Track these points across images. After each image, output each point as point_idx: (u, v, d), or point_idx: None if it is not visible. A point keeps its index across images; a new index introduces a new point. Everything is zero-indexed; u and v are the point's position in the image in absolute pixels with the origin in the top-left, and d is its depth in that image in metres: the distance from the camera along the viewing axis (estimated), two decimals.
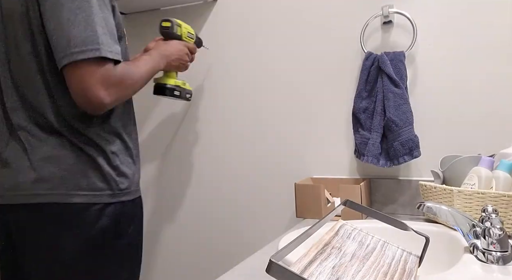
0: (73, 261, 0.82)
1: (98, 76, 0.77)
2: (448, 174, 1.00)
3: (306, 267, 0.51)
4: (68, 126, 0.83)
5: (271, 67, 1.32)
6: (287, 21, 1.29)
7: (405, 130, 1.05)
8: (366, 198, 1.12)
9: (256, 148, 1.35)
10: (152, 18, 1.49)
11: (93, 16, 0.76)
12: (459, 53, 1.09)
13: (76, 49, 0.75)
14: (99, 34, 0.76)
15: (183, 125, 1.46)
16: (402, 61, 1.10)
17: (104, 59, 0.77)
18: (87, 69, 0.76)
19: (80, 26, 0.75)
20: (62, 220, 0.81)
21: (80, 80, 0.76)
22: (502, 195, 0.82)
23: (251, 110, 1.35)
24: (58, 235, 0.81)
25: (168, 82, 1.11)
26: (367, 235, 0.68)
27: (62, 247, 0.81)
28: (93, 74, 0.76)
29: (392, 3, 1.14)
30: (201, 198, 1.44)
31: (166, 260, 1.50)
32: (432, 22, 1.12)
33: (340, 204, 0.73)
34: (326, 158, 1.25)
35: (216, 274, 1.39)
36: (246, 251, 1.36)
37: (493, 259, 0.65)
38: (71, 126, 0.83)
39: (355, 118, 1.15)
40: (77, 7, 0.75)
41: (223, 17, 1.39)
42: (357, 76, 1.18)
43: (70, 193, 0.81)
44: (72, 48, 0.75)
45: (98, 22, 0.77)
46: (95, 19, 0.76)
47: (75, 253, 0.82)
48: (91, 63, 0.76)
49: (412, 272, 0.59)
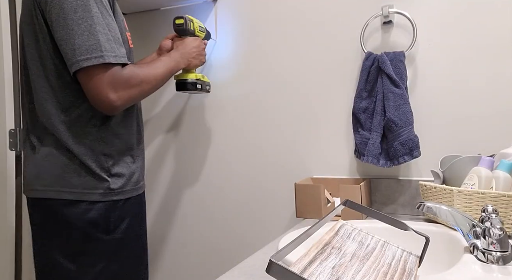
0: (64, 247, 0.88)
1: (106, 80, 0.83)
2: (448, 174, 1.00)
3: (306, 267, 0.51)
4: (67, 128, 0.88)
5: (270, 67, 1.32)
6: (286, 21, 1.29)
7: (405, 130, 1.05)
8: (366, 198, 1.12)
9: (256, 148, 1.35)
10: (152, 18, 1.49)
11: (95, 25, 0.82)
12: (459, 53, 1.09)
13: (81, 57, 0.81)
14: (101, 42, 0.82)
15: (184, 125, 1.46)
16: (402, 61, 1.10)
17: (110, 64, 0.83)
18: (96, 74, 0.82)
19: (84, 36, 0.81)
20: (52, 213, 0.88)
21: (92, 85, 0.83)
22: (502, 195, 0.82)
23: (251, 110, 1.35)
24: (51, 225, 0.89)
25: (189, 77, 1.17)
26: (367, 235, 0.68)
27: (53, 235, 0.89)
28: (101, 79, 0.83)
29: (392, 3, 1.14)
30: (200, 198, 1.44)
31: (166, 260, 1.50)
32: (432, 22, 1.12)
33: (340, 204, 0.73)
34: (326, 158, 1.25)
35: (216, 274, 1.39)
36: (246, 251, 1.36)
37: (493, 259, 0.65)
38: (70, 128, 0.88)
39: (355, 118, 1.15)
40: (80, 18, 0.81)
41: (223, 17, 1.39)
42: (357, 76, 1.18)
43: (63, 190, 0.88)
44: (78, 56, 0.81)
45: (100, 30, 0.82)
46: (97, 28, 0.82)
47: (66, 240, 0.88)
48: (98, 69, 0.82)
49: (412, 272, 0.59)
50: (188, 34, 1.14)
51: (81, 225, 0.88)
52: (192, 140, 1.45)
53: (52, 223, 0.88)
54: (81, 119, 0.89)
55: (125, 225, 0.94)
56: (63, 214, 0.87)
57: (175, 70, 1.03)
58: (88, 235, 0.88)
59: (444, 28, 1.11)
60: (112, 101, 0.84)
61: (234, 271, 0.75)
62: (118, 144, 0.94)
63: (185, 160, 1.46)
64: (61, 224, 0.88)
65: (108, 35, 0.84)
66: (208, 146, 1.42)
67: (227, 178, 1.39)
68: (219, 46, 1.39)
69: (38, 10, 0.85)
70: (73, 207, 0.87)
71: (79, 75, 0.83)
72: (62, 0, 0.81)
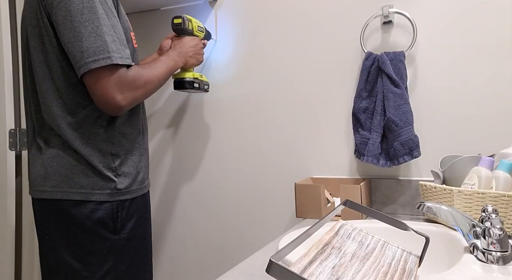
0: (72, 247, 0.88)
1: (112, 81, 0.83)
2: (448, 174, 1.00)
3: (306, 267, 0.51)
4: (74, 129, 0.89)
5: (270, 67, 1.32)
6: (286, 21, 1.29)
7: (405, 130, 1.05)
8: (366, 198, 1.12)
9: (256, 148, 1.35)
10: (152, 18, 1.50)
11: (101, 27, 0.82)
12: (459, 53, 1.09)
13: (89, 59, 0.81)
14: (108, 43, 0.82)
15: (184, 124, 1.46)
16: (402, 61, 1.10)
17: (116, 66, 0.84)
18: (103, 76, 0.83)
19: (91, 38, 0.81)
20: (61, 213, 0.89)
21: (98, 87, 0.84)
22: (502, 195, 0.82)
23: (251, 110, 1.35)
24: (59, 226, 0.89)
25: (187, 76, 1.17)
26: (367, 235, 0.68)
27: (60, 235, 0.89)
28: (108, 80, 0.83)
29: (392, 3, 1.14)
30: (200, 198, 1.44)
31: (166, 260, 1.50)
32: (432, 22, 1.12)
33: (340, 204, 0.73)
34: (326, 158, 1.25)
35: (216, 273, 1.39)
36: (246, 251, 1.36)
37: (493, 259, 0.65)
38: (77, 129, 0.89)
39: (355, 118, 1.15)
40: (86, 20, 0.82)
41: (223, 17, 1.39)
42: (357, 76, 1.18)
43: (71, 191, 0.88)
44: (86, 59, 0.81)
45: (107, 31, 0.83)
46: (103, 29, 0.83)
47: (74, 240, 0.88)
48: (105, 70, 0.83)
49: (412, 272, 0.59)
50: (186, 34, 1.14)
51: (89, 225, 0.88)
52: (192, 140, 1.45)
53: (61, 224, 0.89)
54: (87, 120, 0.89)
55: (132, 224, 0.95)
56: (72, 215, 0.88)
57: (174, 69, 1.03)
58: (96, 234, 0.89)
59: (444, 28, 1.11)
60: (118, 102, 0.84)
61: (234, 271, 0.75)
62: (125, 144, 0.95)
63: (185, 160, 1.46)
64: (69, 224, 0.88)
65: (113, 36, 0.84)
66: (208, 146, 1.42)
67: (227, 178, 1.39)
68: (219, 46, 1.39)
69: (44, 12, 0.85)
70: (81, 207, 0.88)
71: (86, 77, 0.84)
72: (69, 2, 0.81)
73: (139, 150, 0.98)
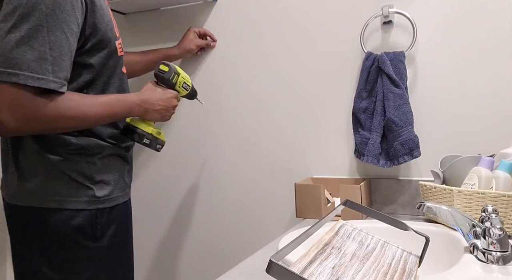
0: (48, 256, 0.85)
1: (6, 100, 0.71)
2: (448, 174, 1.00)
3: (306, 267, 0.51)
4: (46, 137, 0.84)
5: (270, 67, 1.32)
6: (286, 21, 1.29)
7: (405, 130, 1.05)
8: (366, 198, 1.12)
9: (256, 148, 1.35)
10: (152, 18, 1.49)
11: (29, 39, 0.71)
12: (459, 53, 1.09)
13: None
14: (26, 59, 0.71)
15: (183, 124, 1.46)
16: (402, 61, 1.10)
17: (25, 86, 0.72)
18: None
19: (8, 46, 0.70)
20: (35, 220, 0.85)
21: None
22: (502, 195, 0.82)
23: (251, 110, 1.35)
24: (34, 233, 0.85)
25: (141, 127, 0.96)
26: (367, 235, 0.68)
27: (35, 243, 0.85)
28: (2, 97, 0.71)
29: (392, 3, 1.14)
30: (200, 198, 1.44)
31: (166, 260, 1.50)
32: (432, 22, 1.12)
33: (340, 204, 0.73)
34: (326, 158, 1.25)
35: (216, 273, 1.39)
36: (246, 251, 1.36)
37: (493, 259, 0.65)
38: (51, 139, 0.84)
39: (355, 118, 1.15)
40: (13, 26, 0.71)
41: (223, 17, 1.39)
42: (357, 76, 1.18)
43: (47, 199, 0.84)
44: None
45: (34, 45, 0.71)
46: (30, 42, 0.71)
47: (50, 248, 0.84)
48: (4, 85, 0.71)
49: (412, 272, 0.59)
50: (165, 85, 1.00)
51: (66, 232, 0.84)
52: (192, 140, 1.45)
53: (35, 231, 0.84)
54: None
55: (113, 231, 0.91)
56: (47, 222, 0.83)
57: (121, 116, 0.89)
58: (74, 242, 0.85)
59: (444, 28, 1.11)
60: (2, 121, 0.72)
61: (234, 271, 0.76)
62: (106, 150, 0.90)
63: (185, 160, 1.46)
64: (44, 232, 0.84)
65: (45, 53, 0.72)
66: (208, 146, 1.42)
67: (227, 178, 1.39)
68: (219, 46, 1.39)
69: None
70: (57, 214, 0.84)
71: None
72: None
73: (123, 156, 0.95)
